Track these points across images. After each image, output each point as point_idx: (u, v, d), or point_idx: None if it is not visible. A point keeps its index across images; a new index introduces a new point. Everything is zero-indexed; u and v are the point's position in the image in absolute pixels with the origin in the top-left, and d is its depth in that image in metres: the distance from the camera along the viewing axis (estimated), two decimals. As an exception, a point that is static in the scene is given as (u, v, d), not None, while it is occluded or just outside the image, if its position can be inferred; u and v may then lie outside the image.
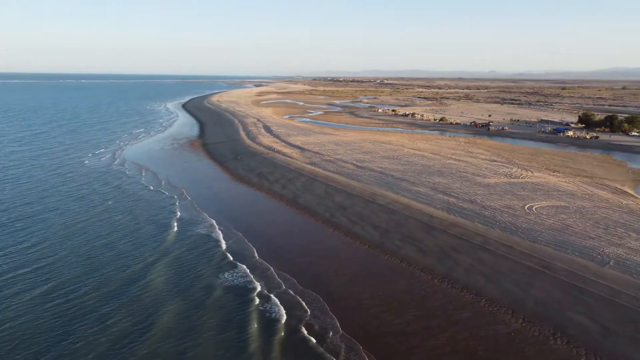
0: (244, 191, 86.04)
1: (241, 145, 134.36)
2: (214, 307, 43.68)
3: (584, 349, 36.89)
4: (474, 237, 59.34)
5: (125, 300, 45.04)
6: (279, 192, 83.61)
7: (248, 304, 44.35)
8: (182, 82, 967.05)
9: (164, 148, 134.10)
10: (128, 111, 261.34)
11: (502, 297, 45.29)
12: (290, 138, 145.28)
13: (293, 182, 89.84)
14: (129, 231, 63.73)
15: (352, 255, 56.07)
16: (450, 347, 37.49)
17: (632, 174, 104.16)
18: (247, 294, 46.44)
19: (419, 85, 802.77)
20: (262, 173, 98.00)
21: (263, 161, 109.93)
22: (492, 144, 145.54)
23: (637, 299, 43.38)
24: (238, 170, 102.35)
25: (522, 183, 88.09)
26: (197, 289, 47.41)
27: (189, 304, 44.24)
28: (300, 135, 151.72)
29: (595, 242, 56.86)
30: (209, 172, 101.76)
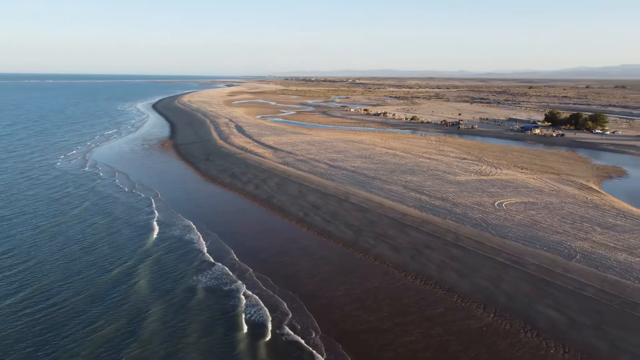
0: (217, 192, 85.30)
1: (213, 145, 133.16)
2: (196, 309, 43.27)
3: (553, 341, 37.87)
4: (446, 234, 60.26)
5: (109, 303, 44.35)
6: (252, 193, 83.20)
7: (227, 305, 44.05)
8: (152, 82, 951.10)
9: (135, 149, 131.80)
10: (97, 112, 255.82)
11: (473, 292, 46.11)
12: (263, 138, 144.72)
13: (266, 182, 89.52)
14: (106, 234, 62.58)
15: (326, 254, 56.23)
16: (424, 343, 37.99)
17: (596, 170, 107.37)
18: (226, 294, 46.11)
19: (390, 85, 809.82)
20: (235, 173, 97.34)
21: (236, 161, 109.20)
22: (462, 142, 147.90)
23: (602, 291, 44.75)
24: (211, 171, 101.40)
25: (491, 180, 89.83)
26: (179, 290, 46.90)
27: (171, 306, 43.76)
28: (273, 135, 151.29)
29: (563, 237, 58.42)
30: (181, 173, 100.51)
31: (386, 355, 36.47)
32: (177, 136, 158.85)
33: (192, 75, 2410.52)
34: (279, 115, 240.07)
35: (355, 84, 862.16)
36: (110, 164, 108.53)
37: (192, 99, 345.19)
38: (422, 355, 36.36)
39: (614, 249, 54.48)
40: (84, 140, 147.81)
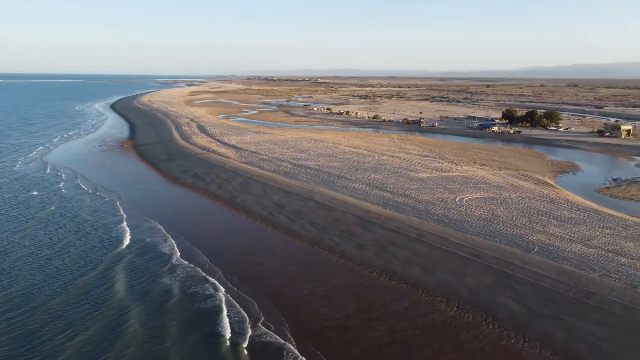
0: (180, 193, 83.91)
1: (174, 146, 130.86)
2: (171, 311, 42.68)
3: (514, 332, 38.94)
4: (409, 230, 61.12)
5: (85, 307, 43.29)
6: (215, 193, 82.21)
7: (200, 306, 43.41)
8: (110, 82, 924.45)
9: (95, 151, 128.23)
10: (54, 113, 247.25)
11: (437, 286, 46.94)
12: (226, 138, 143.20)
13: (230, 182, 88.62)
14: (75, 237, 61.10)
15: (292, 253, 56.14)
16: (390, 338, 38.40)
17: (551, 166, 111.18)
18: (199, 295, 45.49)
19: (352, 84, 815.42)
20: (197, 174, 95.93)
21: (198, 162, 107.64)
22: (423, 140, 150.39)
23: (559, 282, 46.34)
24: (173, 171, 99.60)
25: (452, 177, 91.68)
26: (153, 292, 46.27)
27: (147, 309, 43.10)
28: (236, 135, 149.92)
29: (521, 230, 60.18)
30: (143, 175, 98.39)
31: (353, 351, 36.70)
32: (137, 137, 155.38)
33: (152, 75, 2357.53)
34: (242, 115, 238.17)
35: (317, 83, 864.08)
36: (70, 166, 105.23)
37: (152, 99, 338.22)
38: (387, 350, 36.75)
39: (569, 241, 56.52)
40: (42, 142, 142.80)
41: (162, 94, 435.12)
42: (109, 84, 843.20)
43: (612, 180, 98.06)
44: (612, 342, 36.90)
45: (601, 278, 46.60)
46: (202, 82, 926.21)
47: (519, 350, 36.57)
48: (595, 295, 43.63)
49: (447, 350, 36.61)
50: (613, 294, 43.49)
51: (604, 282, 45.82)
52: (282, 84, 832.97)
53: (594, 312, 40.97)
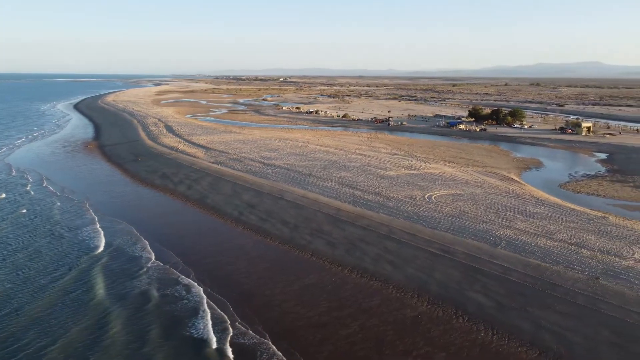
0: (149, 194, 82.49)
1: (142, 146, 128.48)
2: (150, 313, 41.93)
3: (483, 325, 39.77)
4: (380, 228, 61.66)
5: (64, 311, 42.17)
6: (184, 193, 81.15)
7: (178, 307, 42.76)
8: (74, 82, 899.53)
9: (59, 152, 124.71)
10: (15, 113, 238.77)
11: (408, 282, 47.52)
12: (194, 137, 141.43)
13: (199, 182, 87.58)
14: (48, 240, 59.36)
15: (263, 253, 55.93)
16: (362, 335, 38.68)
17: (516, 162, 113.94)
18: (175, 297, 44.87)
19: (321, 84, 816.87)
20: (165, 174, 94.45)
21: (166, 162, 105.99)
22: (392, 139, 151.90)
23: (525, 275, 47.53)
24: (140, 172, 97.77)
25: (421, 174, 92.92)
26: (131, 295, 45.37)
27: (126, 311, 42.30)
28: (205, 135, 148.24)
29: (488, 226, 61.47)
30: (110, 176, 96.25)
31: (326, 348, 36.81)
32: (102, 137, 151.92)
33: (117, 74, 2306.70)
34: (211, 115, 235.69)
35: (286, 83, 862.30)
36: (35, 169, 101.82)
37: (118, 99, 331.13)
38: (360, 346, 37.01)
39: (534, 235, 58.03)
40: (5, 144, 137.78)
41: (128, 93, 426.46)
42: (71, 83, 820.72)
43: (574, 175, 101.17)
44: (576, 331, 38.09)
45: (565, 270, 48.02)
46: (169, 82, 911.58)
47: (488, 342, 37.36)
48: (560, 287, 44.93)
49: (418, 345, 37.10)
50: (577, 286, 44.87)
51: (568, 274, 47.24)
52: (251, 83, 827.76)
53: (559, 304, 42.20)
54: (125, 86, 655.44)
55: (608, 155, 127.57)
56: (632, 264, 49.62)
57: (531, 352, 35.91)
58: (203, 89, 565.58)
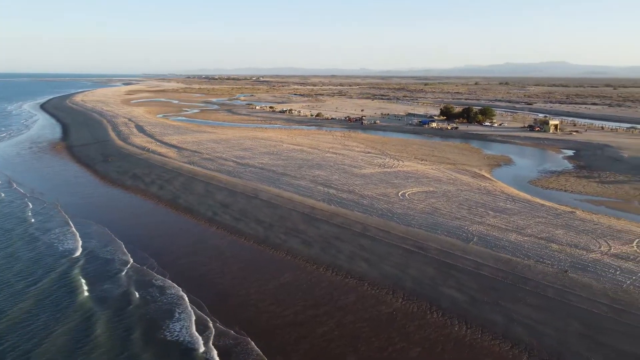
0: (120, 195, 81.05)
1: (112, 146, 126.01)
2: (128, 316, 41.20)
3: (456, 319, 40.34)
4: (354, 225, 61.91)
5: (46, 314, 41.38)
6: (157, 194, 79.96)
7: (155, 310, 42.16)
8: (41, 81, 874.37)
9: (26, 153, 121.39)
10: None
11: (382, 279, 47.85)
12: (166, 137, 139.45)
13: (171, 182, 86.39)
14: (23, 243, 58.20)
15: (237, 252, 55.55)
16: (338, 332, 38.78)
17: (487, 159, 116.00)
18: (148, 299, 44.19)
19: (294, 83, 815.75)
20: (137, 175, 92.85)
21: (137, 162, 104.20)
22: (365, 137, 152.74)
23: (497, 269, 48.40)
24: (110, 173, 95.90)
25: (395, 172, 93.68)
26: (112, 298, 44.73)
27: (106, 314, 41.66)
28: (177, 134, 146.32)
29: (461, 222, 62.37)
30: (80, 177, 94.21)
31: (302, 347, 36.77)
32: (70, 138, 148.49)
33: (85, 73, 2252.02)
34: (183, 114, 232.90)
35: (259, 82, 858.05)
36: (1, 170, 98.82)
37: (87, 98, 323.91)
38: (336, 344, 37.09)
39: (505, 230, 59.15)
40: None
41: (97, 93, 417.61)
42: (37, 82, 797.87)
43: (543, 172, 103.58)
44: (547, 323, 38.96)
45: (535, 264, 49.08)
46: (139, 81, 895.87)
47: (462, 336, 37.91)
48: (530, 280, 45.89)
49: (394, 341, 37.39)
50: (547, 279, 45.91)
51: (538, 267, 48.30)
52: (223, 82, 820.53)
53: (530, 297, 43.09)
54: (94, 86, 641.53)
55: (575, 152, 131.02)
56: (599, 256, 51.04)
57: (504, 345, 36.59)
58: (174, 88, 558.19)
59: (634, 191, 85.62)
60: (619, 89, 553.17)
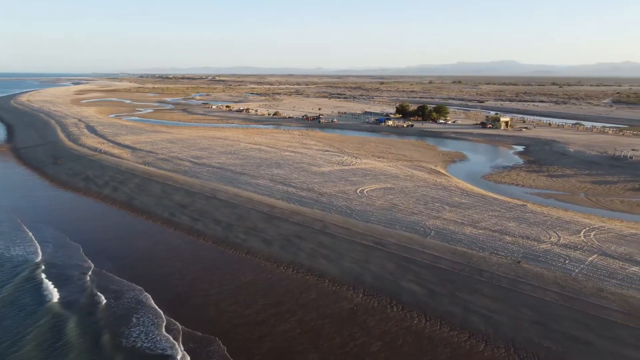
0: (72, 198, 78.22)
1: (61, 147, 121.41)
2: (83, 321, 39.86)
3: (416, 312, 41.11)
4: (314, 223, 62.08)
5: (11, 321, 40.03)
6: (110, 196, 77.63)
7: (111, 316, 40.85)
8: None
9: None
10: None
11: (343, 275, 48.20)
12: (119, 138, 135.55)
13: (125, 183, 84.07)
14: None
15: (196, 253, 54.69)
16: (300, 329, 38.81)
17: (442, 156, 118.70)
18: (106, 303, 43.00)
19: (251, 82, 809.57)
20: (89, 177, 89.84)
21: (89, 164, 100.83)
22: (323, 136, 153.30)
23: (454, 262, 49.64)
24: (61, 175, 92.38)
25: (353, 169, 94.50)
26: (70, 303, 43.02)
27: (72, 320, 40.33)
28: (130, 135, 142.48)
29: (418, 217, 63.59)
30: (28, 180, 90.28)
31: (264, 345, 36.59)
32: (16, 139, 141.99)
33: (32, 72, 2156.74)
34: (136, 114, 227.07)
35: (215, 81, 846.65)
36: None
37: (33, 99, 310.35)
38: (298, 341, 37.10)
39: (461, 224, 60.72)
40: None
41: (44, 93, 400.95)
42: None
43: (495, 167, 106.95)
44: (502, 313, 40.27)
45: (490, 256, 50.64)
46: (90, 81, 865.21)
47: (422, 328, 38.68)
48: (486, 272, 47.30)
49: (356, 336, 37.74)
50: (501, 270, 47.45)
51: (493, 259, 49.85)
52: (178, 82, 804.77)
53: (486, 287, 44.43)
54: (40, 85, 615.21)
55: (525, 147, 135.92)
56: (549, 247, 53.16)
57: (462, 336, 37.57)
58: (127, 87, 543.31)
59: (580, 184, 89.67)
60: (564, 87, 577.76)
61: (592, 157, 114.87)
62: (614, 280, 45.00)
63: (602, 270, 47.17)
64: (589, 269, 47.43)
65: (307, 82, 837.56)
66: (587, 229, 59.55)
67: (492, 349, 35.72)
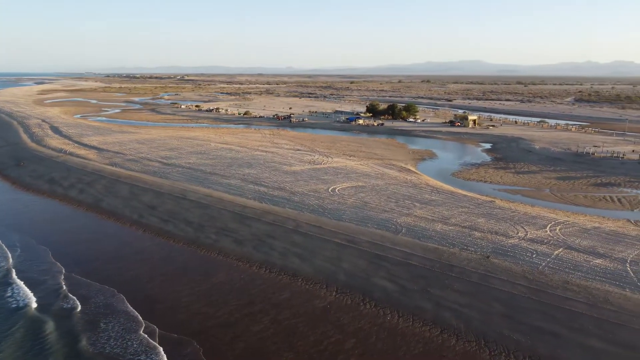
0: (37, 201, 76.04)
1: (24, 149, 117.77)
2: (70, 327, 38.84)
3: (389, 309, 41.45)
4: (287, 222, 61.91)
5: None
6: (77, 198, 75.73)
7: (78, 322, 39.79)
8: None
9: None
10: None
11: (316, 274, 48.22)
12: (85, 138, 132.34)
13: (92, 185, 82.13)
14: None
15: (167, 255, 53.85)
16: (274, 329, 38.65)
17: (412, 154, 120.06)
18: (72, 310, 41.83)
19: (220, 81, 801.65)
20: (54, 179, 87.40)
21: (54, 165, 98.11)
22: (294, 135, 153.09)
23: (425, 259, 50.25)
24: (24, 177, 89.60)
25: (324, 168, 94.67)
26: (44, 308, 42.07)
27: (47, 326, 39.37)
28: (97, 135, 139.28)
29: (389, 214, 64.14)
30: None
31: (238, 346, 36.29)
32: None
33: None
34: (103, 114, 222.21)
35: (184, 81, 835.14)
36: None
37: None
38: (272, 341, 36.93)
39: (431, 221, 61.54)
40: None
41: (5, 93, 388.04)
42: None
43: (464, 164, 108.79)
44: (472, 307, 40.99)
45: (460, 252, 51.47)
46: (53, 80, 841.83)
47: (395, 324, 39.03)
48: (456, 267, 48.06)
49: (329, 334, 37.81)
50: (471, 265, 48.29)
51: (463, 255, 50.69)
52: (146, 81, 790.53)
53: (456, 283, 45.15)
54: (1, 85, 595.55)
55: (492, 145, 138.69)
56: (517, 242, 54.41)
57: (434, 330, 38.07)
58: (93, 87, 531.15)
59: (545, 180, 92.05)
60: (529, 86, 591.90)
61: (556, 153, 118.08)
62: (578, 272, 46.36)
63: (567, 263, 48.54)
64: (555, 262, 48.75)
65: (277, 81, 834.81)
66: (552, 223, 61.19)
67: (464, 343, 36.32)
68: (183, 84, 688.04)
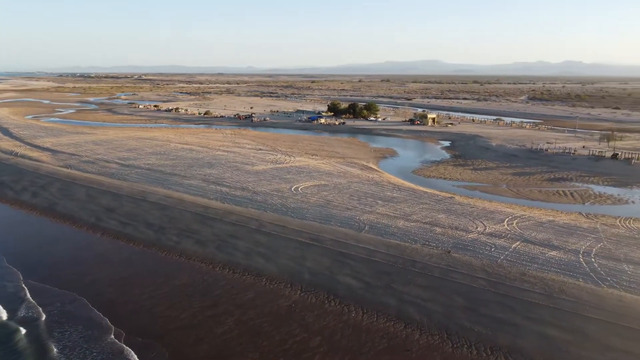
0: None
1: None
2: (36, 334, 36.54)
3: (353, 306, 41.71)
4: (250, 222, 61.46)
5: None
6: (29, 202, 72.86)
7: (33, 329, 38.17)
8: None
9: None
10: None
11: (280, 273, 48.04)
12: (38, 140, 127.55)
13: (46, 188, 79.22)
14: None
15: (127, 258, 52.51)
16: (238, 330, 38.28)
17: (374, 152, 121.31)
18: (30, 317, 40.05)
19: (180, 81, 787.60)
20: (4, 182, 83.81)
21: (4, 168, 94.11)
22: (256, 134, 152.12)
23: (388, 255, 50.87)
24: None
25: (287, 168, 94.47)
26: None
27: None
28: (50, 137, 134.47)
29: (353, 212, 64.60)
30: None
31: (201, 348, 35.75)
32: None
33: None
34: (56, 115, 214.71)
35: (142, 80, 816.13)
36: None
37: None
38: (236, 342, 36.58)
39: (394, 218, 62.36)
40: None
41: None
42: None
43: (424, 162, 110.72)
44: (435, 301, 41.77)
45: (422, 247, 52.37)
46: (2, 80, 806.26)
47: (359, 321, 39.32)
48: (418, 262, 48.88)
49: (294, 333, 37.75)
50: (433, 260, 49.21)
51: (425, 250, 51.59)
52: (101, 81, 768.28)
53: (419, 278, 45.90)
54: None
55: (451, 142, 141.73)
56: (476, 236, 55.80)
57: (398, 326, 38.57)
58: (45, 87, 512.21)
59: (502, 176, 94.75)
60: (484, 85, 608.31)
61: (512, 150, 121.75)
62: (535, 264, 47.95)
63: (524, 255, 50.14)
64: (512, 255, 50.27)
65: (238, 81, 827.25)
66: (509, 217, 63.07)
67: (427, 336, 36.96)
68: (141, 83, 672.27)
